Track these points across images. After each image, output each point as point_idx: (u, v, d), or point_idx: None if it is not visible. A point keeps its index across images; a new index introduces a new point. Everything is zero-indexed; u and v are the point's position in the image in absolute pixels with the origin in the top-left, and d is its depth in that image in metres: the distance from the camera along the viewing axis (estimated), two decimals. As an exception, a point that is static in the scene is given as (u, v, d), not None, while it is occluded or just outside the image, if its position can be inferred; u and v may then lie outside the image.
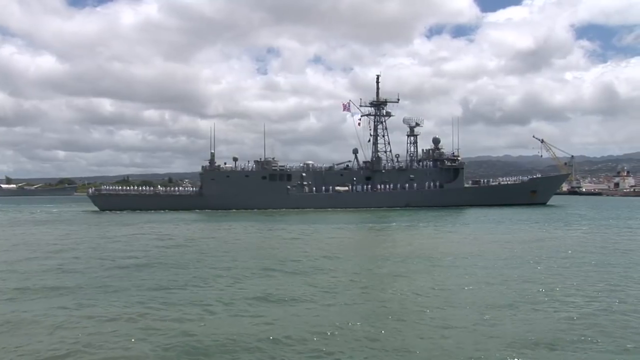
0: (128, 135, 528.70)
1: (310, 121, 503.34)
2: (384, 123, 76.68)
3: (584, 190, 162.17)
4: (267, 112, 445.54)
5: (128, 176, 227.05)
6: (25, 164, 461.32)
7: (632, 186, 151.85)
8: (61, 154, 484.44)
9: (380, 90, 76.75)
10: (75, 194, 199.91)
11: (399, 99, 77.49)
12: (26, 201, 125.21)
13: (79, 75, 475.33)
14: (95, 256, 23.28)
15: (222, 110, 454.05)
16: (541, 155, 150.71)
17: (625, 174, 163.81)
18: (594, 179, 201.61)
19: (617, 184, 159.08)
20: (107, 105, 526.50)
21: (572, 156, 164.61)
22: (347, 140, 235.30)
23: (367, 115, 76.67)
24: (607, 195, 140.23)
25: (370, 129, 76.46)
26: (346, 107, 76.09)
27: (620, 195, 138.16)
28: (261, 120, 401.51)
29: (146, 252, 24.56)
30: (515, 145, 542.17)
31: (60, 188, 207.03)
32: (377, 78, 76.65)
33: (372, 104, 76.62)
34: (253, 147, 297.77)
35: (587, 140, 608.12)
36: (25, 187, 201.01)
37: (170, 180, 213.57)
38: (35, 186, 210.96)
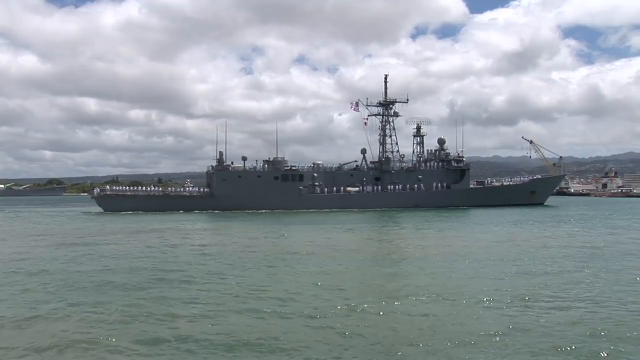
0: (114, 135, 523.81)
1: (296, 121, 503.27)
2: (391, 123, 76.78)
3: (572, 190, 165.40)
4: (254, 112, 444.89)
5: (117, 176, 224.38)
6: (12, 164, 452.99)
7: (619, 187, 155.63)
8: (48, 154, 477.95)
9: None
10: (65, 194, 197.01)
11: (408, 99, 77.72)
12: (19, 202, 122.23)
13: (62, 74, 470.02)
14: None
15: (209, 110, 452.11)
16: (530, 156, 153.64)
17: (613, 175, 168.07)
18: (582, 179, 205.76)
19: (605, 185, 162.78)
20: (91, 105, 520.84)
21: (561, 157, 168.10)
22: (335, 140, 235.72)
23: (375, 115, 76.53)
24: (595, 196, 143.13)
25: (380, 129, 76.36)
26: (353, 107, 75.77)
27: (607, 195, 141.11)
28: (247, 121, 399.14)
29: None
30: (504, 146, 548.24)
31: (50, 188, 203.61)
32: (385, 78, 76.54)
33: (380, 104, 76.30)
34: (240, 147, 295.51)
35: (574, 140, 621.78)
36: (14, 188, 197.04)
37: (160, 180, 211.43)
38: (24, 186, 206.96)
